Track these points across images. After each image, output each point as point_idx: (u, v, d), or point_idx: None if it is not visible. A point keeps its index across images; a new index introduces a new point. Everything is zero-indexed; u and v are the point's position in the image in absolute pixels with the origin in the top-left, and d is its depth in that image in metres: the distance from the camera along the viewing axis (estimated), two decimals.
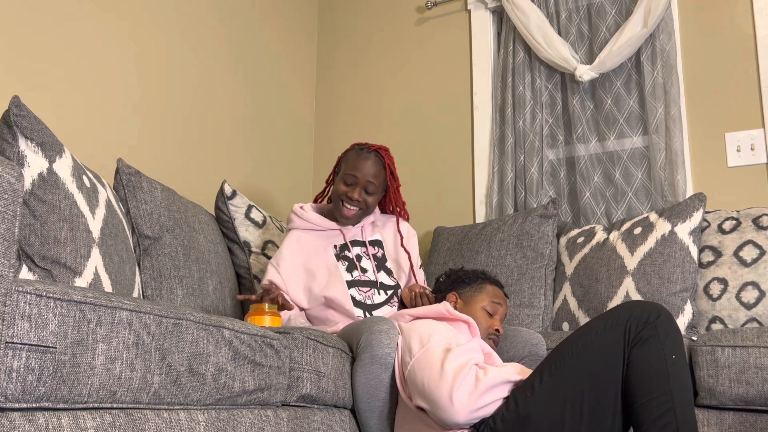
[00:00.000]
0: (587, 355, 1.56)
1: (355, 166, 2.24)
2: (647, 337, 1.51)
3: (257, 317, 1.91)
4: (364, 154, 2.26)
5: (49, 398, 1.03)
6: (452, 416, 1.59)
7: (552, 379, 1.58)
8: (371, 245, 2.33)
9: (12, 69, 2.10)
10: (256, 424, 1.44)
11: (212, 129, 2.89)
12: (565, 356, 1.59)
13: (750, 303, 2.21)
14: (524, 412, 1.57)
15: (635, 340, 1.52)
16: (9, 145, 1.51)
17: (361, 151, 2.27)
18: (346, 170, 2.25)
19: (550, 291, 2.54)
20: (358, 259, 2.27)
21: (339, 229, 2.31)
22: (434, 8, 3.33)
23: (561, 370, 1.58)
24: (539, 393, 1.57)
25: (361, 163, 2.24)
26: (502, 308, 2.02)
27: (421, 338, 1.76)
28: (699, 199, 2.39)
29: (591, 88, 2.89)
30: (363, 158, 2.25)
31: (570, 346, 1.60)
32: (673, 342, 1.51)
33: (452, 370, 1.63)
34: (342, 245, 2.29)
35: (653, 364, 1.50)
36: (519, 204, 2.90)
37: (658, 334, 1.51)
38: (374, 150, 2.28)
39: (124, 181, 2.08)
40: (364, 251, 2.30)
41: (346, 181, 2.24)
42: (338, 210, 2.27)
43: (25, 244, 1.47)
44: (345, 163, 2.28)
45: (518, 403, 1.58)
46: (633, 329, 1.53)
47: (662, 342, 1.51)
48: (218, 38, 2.96)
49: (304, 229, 2.30)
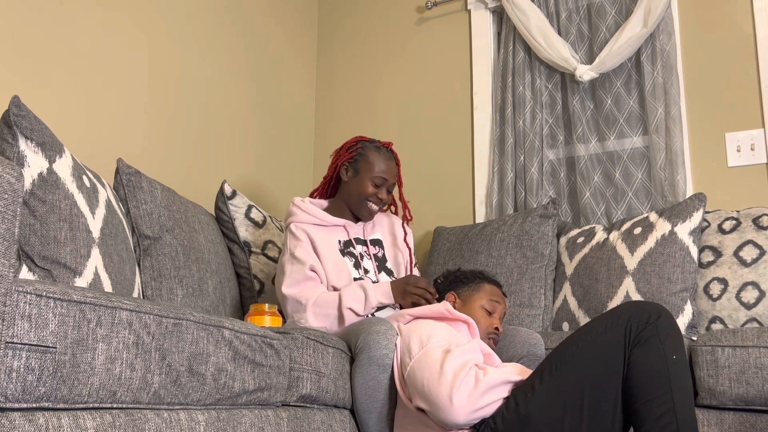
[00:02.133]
0: (588, 355, 1.57)
1: (385, 168, 2.23)
2: (648, 338, 1.51)
3: (257, 317, 1.91)
4: (387, 154, 2.26)
5: (49, 398, 1.03)
6: (452, 417, 1.60)
7: (552, 379, 1.58)
8: (372, 244, 2.30)
9: (12, 69, 2.10)
10: (256, 424, 1.44)
11: (212, 129, 2.89)
12: (566, 356, 1.60)
13: (750, 303, 2.21)
14: (524, 411, 1.57)
15: (636, 340, 1.52)
16: (9, 145, 1.51)
17: (382, 150, 2.26)
18: (375, 172, 2.22)
19: (550, 291, 2.54)
20: (361, 258, 2.25)
21: (343, 225, 2.27)
22: (434, 8, 3.33)
23: (561, 370, 1.58)
24: (540, 393, 1.58)
25: (388, 164, 2.24)
26: (501, 307, 2.02)
27: (421, 339, 1.76)
28: (699, 199, 2.39)
29: (591, 88, 2.89)
30: (388, 158, 2.25)
31: (570, 346, 1.61)
32: (674, 342, 1.52)
33: (452, 370, 1.63)
34: (346, 241, 2.25)
35: (654, 365, 1.50)
36: (519, 204, 2.90)
37: (658, 334, 1.51)
38: (390, 148, 2.29)
39: (124, 181, 2.08)
40: (365, 251, 2.27)
41: (376, 183, 2.22)
42: (363, 209, 2.25)
43: (25, 244, 1.47)
44: (368, 162, 2.23)
45: (518, 403, 1.59)
46: (633, 329, 1.53)
47: (663, 342, 1.51)
48: (219, 39, 2.96)
49: (307, 223, 2.24)
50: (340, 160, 2.28)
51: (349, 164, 2.27)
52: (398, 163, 2.30)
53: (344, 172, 2.28)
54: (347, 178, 2.27)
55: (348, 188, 2.27)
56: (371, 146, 2.26)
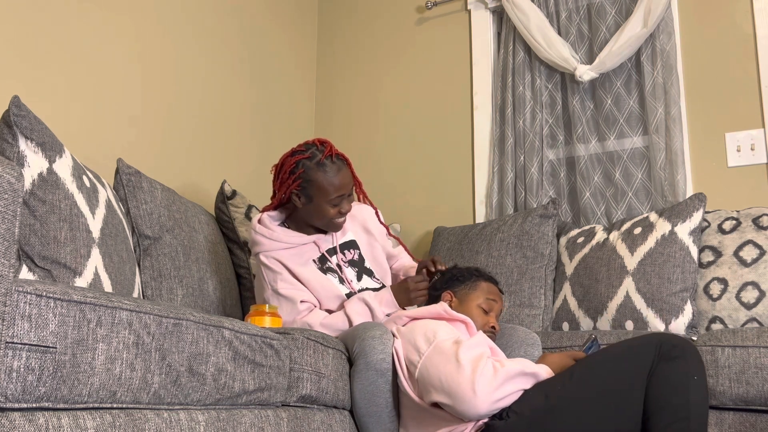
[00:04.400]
0: (619, 362, 1.63)
1: (339, 184, 2.01)
2: (674, 357, 1.58)
3: (257, 317, 1.91)
4: (333, 166, 2.02)
5: (49, 398, 1.03)
6: (475, 407, 1.61)
7: (583, 377, 1.64)
8: (345, 250, 2.18)
9: (12, 68, 2.10)
10: (256, 424, 1.44)
11: (212, 129, 2.89)
12: (597, 361, 1.67)
13: (750, 303, 2.21)
14: (554, 402, 1.62)
15: (663, 356, 1.58)
16: (9, 145, 1.51)
17: (332, 164, 2.02)
18: (330, 194, 2.01)
19: (550, 291, 2.54)
20: (341, 270, 2.12)
21: (313, 241, 2.11)
22: (434, 8, 3.33)
23: (593, 370, 1.65)
24: (570, 388, 1.63)
25: (340, 177, 2.02)
26: (498, 305, 2.01)
27: (427, 336, 1.76)
28: (699, 199, 2.39)
29: (591, 88, 2.89)
30: (337, 170, 2.02)
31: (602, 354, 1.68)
32: (697, 367, 1.58)
33: (469, 362, 1.65)
34: (320, 257, 2.12)
35: (676, 377, 1.56)
36: (519, 204, 2.90)
37: (685, 356, 1.58)
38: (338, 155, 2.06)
39: (124, 181, 2.08)
40: (341, 259, 2.14)
41: (334, 203, 2.04)
42: (330, 227, 2.10)
43: (25, 244, 1.47)
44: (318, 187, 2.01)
45: (548, 395, 1.63)
46: (663, 348, 1.60)
47: (687, 363, 1.57)
48: (219, 39, 2.96)
49: (276, 250, 2.06)
50: (286, 188, 2.05)
51: (299, 191, 2.04)
52: (348, 162, 2.07)
53: (296, 199, 2.06)
54: (301, 205, 2.06)
55: (307, 213, 2.08)
56: (314, 166, 2.01)
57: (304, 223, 2.13)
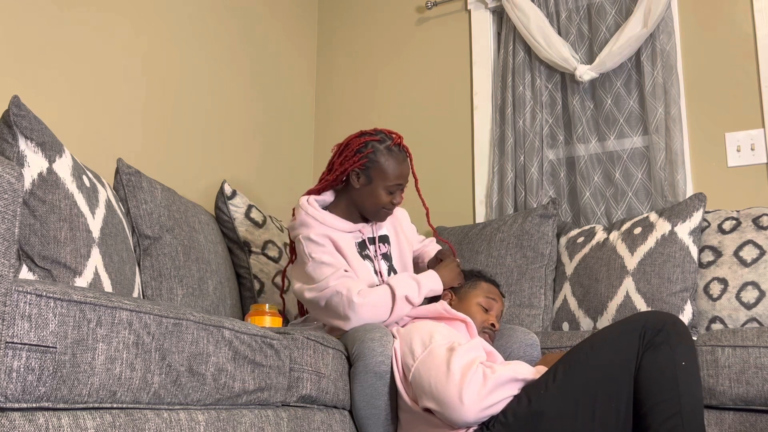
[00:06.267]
0: (602, 356, 1.59)
1: (399, 173, 2.05)
2: (659, 344, 1.54)
3: (257, 317, 1.91)
4: (399, 155, 2.07)
5: (49, 398, 1.03)
6: (462, 415, 1.60)
7: (566, 377, 1.60)
8: (380, 242, 2.18)
9: (12, 68, 2.10)
10: (256, 424, 1.44)
11: (212, 129, 2.89)
12: (580, 357, 1.62)
13: (750, 303, 2.21)
14: (537, 408, 1.58)
15: (648, 345, 1.55)
16: (9, 145, 1.51)
17: (394, 152, 2.06)
18: (390, 180, 2.04)
19: (550, 291, 2.54)
20: (376, 260, 2.13)
21: (358, 229, 2.12)
22: (434, 8, 3.33)
23: (575, 369, 1.60)
24: (553, 390, 1.59)
25: (402, 167, 2.06)
26: (498, 305, 2.01)
27: (423, 340, 1.75)
28: (699, 199, 2.39)
29: (591, 88, 2.89)
30: (402, 160, 2.07)
31: (585, 347, 1.64)
32: (685, 350, 1.54)
33: (459, 369, 1.63)
34: (361, 243, 2.12)
35: (662, 369, 1.53)
36: (519, 204, 2.90)
37: (670, 341, 1.55)
38: (405, 148, 2.10)
39: (124, 181, 2.08)
40: (377, 250, 2.15)
41: (390, 191, 2.06)
42: (377, 216, 2.11)
43: (25, 244, 1.47)
44: (382, 170, 2.04)
45: (531, 400, 1.60)
46: (647, 335, 1.56)
47: (673, 349, 1.54)
48: (218, 38, 2.96)
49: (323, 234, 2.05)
50: (349, 165, 2.06)
51: (360, 171, 2.05)
52: (410, 156, 2.12)
53: (355, 179, 2.06)
54: (358, 186, 2.07)
55: (360, 196, 2.08)
56: (383, 149, 2.05)
57: (352, 208, 2.12)
